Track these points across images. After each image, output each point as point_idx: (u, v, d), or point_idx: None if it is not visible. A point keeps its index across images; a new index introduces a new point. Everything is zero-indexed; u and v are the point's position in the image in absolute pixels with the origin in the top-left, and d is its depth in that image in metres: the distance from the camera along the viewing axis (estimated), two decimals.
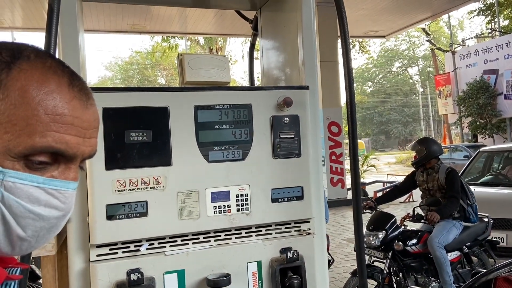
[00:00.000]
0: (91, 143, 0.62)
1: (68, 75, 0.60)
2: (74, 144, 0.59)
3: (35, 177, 0.56)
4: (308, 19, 1.71)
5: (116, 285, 1.34)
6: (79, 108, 0.59)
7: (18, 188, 0.55)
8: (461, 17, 48.27)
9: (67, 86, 0.59)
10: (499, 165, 7.30)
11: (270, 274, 1.54)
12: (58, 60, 0.61)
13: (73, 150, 0.59)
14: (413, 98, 47.21)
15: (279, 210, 1.57)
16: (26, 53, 0.58)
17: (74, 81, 0.60)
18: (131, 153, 1.39)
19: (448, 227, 4.02)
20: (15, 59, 0.56)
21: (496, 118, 16.94)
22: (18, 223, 0.56)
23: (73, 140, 0.58)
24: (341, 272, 5.79)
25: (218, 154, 1.50)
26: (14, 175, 0.55)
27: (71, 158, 0.60)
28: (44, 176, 0.57)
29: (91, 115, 0.62)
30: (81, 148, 0.60)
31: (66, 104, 0.58)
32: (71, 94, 0.59)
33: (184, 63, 1.62)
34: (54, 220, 0.60)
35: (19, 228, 0.56)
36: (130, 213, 1.38)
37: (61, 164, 0.59)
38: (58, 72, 0.59)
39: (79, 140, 0.59)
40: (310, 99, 1.66)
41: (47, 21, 1.25)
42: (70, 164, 0.60)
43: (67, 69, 0.61)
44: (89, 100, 0.62)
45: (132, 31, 12.23)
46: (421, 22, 14.04)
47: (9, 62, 0.56)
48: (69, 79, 0.60)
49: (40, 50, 0.60)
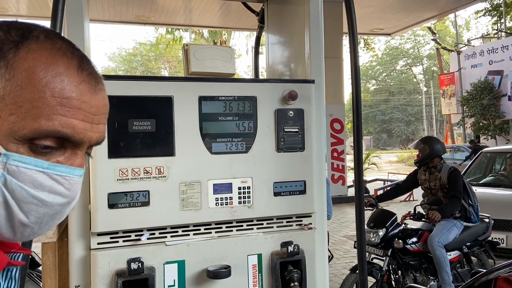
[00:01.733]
0: (99, 129, 0.60)
1: (77, 58, 0.58)
2: (81, 130, 0.57)
3: (40, 161, 0.55)
4: (316, 12, 1.70)
5: (116, 274, 1.34)
6: (88, 92, 0.58)
7: (21, 172, 0.54)
8: (468, 17, 48.03)
9: (76, 69, 0.57)
10: (501, 166, 7.29)
11: (270, 268, 1.54)
12: (69, 42, 0.59)
13: (80, 135, 0.57)
14: (416, 97, 47.08)
15: (281, 204, 1.56)
16: (36, 33, 0.56)
17: (84, 65, 0.58)
18: (134, 142, 1.39)
19: (448, 226, 4.01)
20: (24, 39, 0.55)
21: (499, 119, 16.89)
22: (20, 208, 0.55)
23: (80, 125, 0.57)
24: (339, 268, 5.80)
25: (221, 146, 1.49)
26: (18, 159, 0.53)
27: (77, 144, 0.58)
28: (49, 161, 0.56)
29: (100, 100, 0.60)
30: (88, 134, 0.58)
31: (74, 88, 0.56)
32: (80, 78, 0.57)
33: (189, 53, 1.61)
34: (58, 207, 0.58)
35: (21, 213, 0.55)
36: (132, 202, 1.38)
37: (68, 150, 0.58)
38: (68, 54, 0.57)
39: (87, 125, 0.58)
40: (316, 93, 1.64)
41: (52, 9, 1.24)
42: (76, 150, 0.59)
43: (77, 52, 0.59)
44: (98, 85, 0.60)
45: (136, 22, 12.19)
46: (427, 20, 13.95)
47: (18, 42, 0.54)
48: (78, 62, 0.58)
49: (51, 31, 0.58)
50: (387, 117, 46.29)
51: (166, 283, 1.41)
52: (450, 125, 23.61)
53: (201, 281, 1.45)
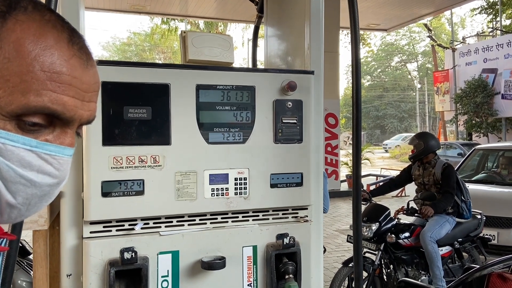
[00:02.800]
0: (90, 107, 0.57)
1: (68, 31, 0.55)
2: (72, 107, 0.54)
3: (28, 139, 0.52)
4: (317, 2, 1.67)
5: (109, 263, 1.32)
6: (79, 67, 0.55)
7: (8, 150, 0.51)
8: (463, 14, 48.13)
9: (67, 42, 0.54)
10: (493, 163, 7.34)
11: (265, 259, 1.52)
12: (57, 15, 0.56)
13: (71, 113, 0.54)
14: (410, 94, 47.23)
15: (277, 196, 1.55)
16: (23, 4, 0.53)
17: (75, 38, 0.55)
18: (129, 130, 1.36)
19: (441, 222, 4.03)
20: (11, 9, 0.51)
21: (492, 117, 16.98)
22: (7, 188, 0.52)
23: (71, 102, 0.54)
24: (331, 262, 5.82)
25: (218, 136, 1.47)
26: (4, 136, 0.50)
27: (67, 122, 0.55)
28: (38, 140, 0.53)
29: (91, 77, 0.57)
30: (79, 111, 0.55)
31: (64, 62, 0.53)
32: (71, 52, 0.54)
33: (187, 41, 1.57)
34: (47, 187, 0.56)
35: (8, 194, 0.52)
36: (126, 191, 1.35)
37: (57, 128, 0.55)
38: (58, 27, 0.54)
39: (77, 102, 0.55)
40: (315, 84, 1.62)
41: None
42: (66, 128, 0.56)
43: (67, 25, 0.56)
44: (89, 61, 0.57)
45: (131, 11, 12.05)
46: (424, 17, 13.95)
47: (5, 12, 0.51)
48: (69, 35, 0.55)
49: (38, 2, 0.55)
50: (381, 113, 46.44)
51: (159, 274, 1.39)
52: (443, 122, 23.73)
53: (195, 272, 1.43)
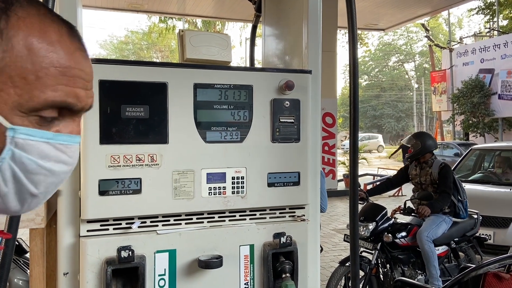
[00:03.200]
0: (91, 94, 0.60)
1: (65, 24, 0.57)
2: (83, 98, 0.57)
3: (45, 132, 0.55)
4: (315, 2, 1.67)
5: (106, 262, 1.32)
6: (82, 60, 0.57)
7: (28, 145, 0.53)
8: (461, 15, 48.20)
9: (68, 36, 0.56)
10: (490, 163, 7.36)
11: (262, 258, 1.53)
12: (46, 6, 0.57)
13: (82, 103, 0.57)
14: (407, 94, 47.31)
15: (274, 195, 1.55)
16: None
17: (73, 32, 0.57)
18: (126, 128, 1.35)
19: (437, 221, 4.04)
20: (9, 5, 0.52)
21: (488, 117, 17.04)
22: (30, 180, 0.55)
23: (82, 93, 0.57)
24: (328, 261, 5.84)
25: (215, 135, 1.47)
26: (24, 132, 0.53)
27: (77, 112, 0.58)
28: (51, 131, 0.56)
29: (90, 66, 0.60)
30: (86, 100, 0.59)
31: (71, 56, 0.55)
32: (74, 45, 0.56)
33: (185, 40, 1.57)
34: (63, 174, 0.59)
35: (31, 185, 0.55)
36: (123, 190, 1.35)
37: (65, 118, 0.57)
38: (55, 21, 0.55)
39: (85, 92, 0.58)
40: (312, 84, 1.63)
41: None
42: (74, 117, 0.59)
43: (60, 17, 0.57)
44: (86, 51, 0.59)
45: (129, 9, 12.03)
46: (421, 17, 13.98)
47: (5, 9, 0.51)
48: (67, 29, 0.57)
49: None
50: (378, 113, 46.52)
51: (156, 272, 1.39)
52: (440, 122, 23.78)
53: (192, 270, 1.43)
